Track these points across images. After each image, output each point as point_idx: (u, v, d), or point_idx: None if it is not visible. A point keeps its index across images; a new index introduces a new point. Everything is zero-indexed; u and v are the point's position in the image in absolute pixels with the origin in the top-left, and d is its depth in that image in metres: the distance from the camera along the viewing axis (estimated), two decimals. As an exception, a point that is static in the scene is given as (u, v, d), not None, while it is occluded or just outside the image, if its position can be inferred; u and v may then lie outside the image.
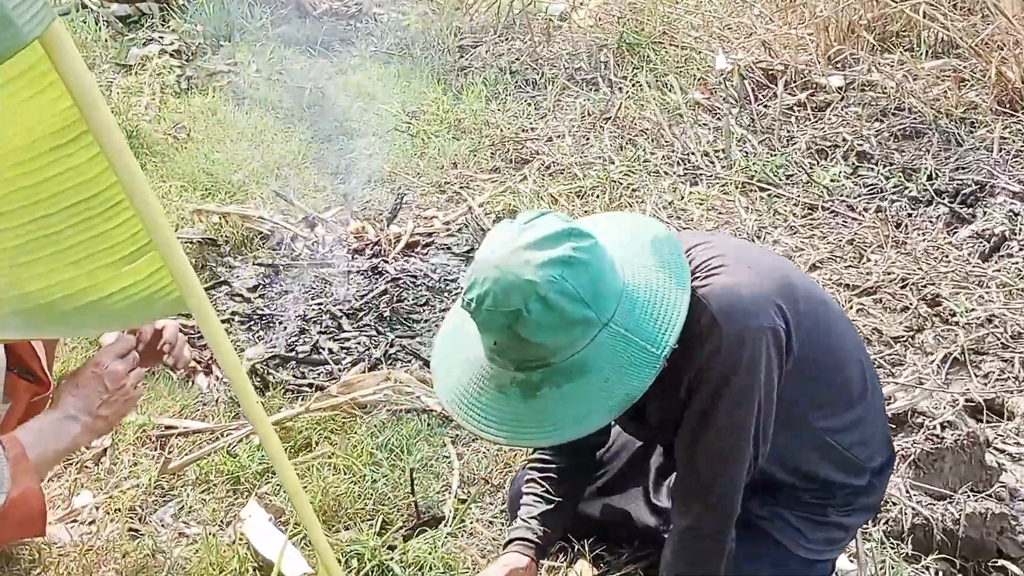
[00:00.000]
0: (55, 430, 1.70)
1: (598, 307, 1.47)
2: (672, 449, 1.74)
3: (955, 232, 3.57)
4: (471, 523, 2.16)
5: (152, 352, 1.93)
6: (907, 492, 2.23)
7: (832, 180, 3.97)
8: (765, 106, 4.63)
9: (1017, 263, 3.33)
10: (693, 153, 4.23)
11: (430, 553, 2.02)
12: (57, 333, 1.65)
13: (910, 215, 3.70)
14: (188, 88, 5.16)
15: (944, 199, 3.75)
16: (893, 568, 1.97)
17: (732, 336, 1.54)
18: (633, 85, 4.85)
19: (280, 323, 3.04)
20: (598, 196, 3.82)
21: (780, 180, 4.01)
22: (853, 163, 4.10)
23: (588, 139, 4.44)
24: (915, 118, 4.38)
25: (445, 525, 2.14)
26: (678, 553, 1.71)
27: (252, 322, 3.06)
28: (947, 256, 3.39)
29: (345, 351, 2.92)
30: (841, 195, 3.87)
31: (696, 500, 1.67)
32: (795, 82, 4.73)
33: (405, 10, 6.78)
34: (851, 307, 3.07)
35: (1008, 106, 4.35)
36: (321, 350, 2.91)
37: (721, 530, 1.66)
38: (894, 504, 2.20)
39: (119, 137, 0.95)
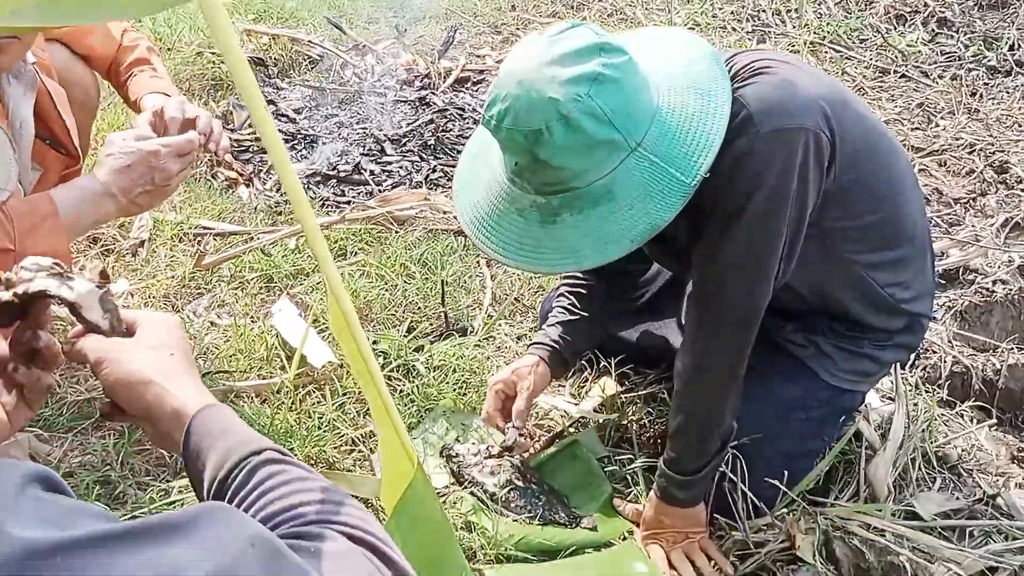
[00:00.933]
0: (94, 202, 1.68)
1: (626, 130, 1.34)
2: None
3: (1033, 104, 3.38)
4: (499, 337, 2.14)
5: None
6: (949, 341, 2.16)
7: (908, 45, 3.76)
8: (846, -33, 4.37)
9: (1096, 138, 3.15)
10: (764, 10, 4.04)
11: (456, 357, 2.02)
12: (73, 19, 1.54)
13: (986, 84, 3.50)
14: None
15: (1025, 70, 3.55)
16: (926, 410, 1.91)
17: (768, 134, 1.40)
18: (707, -62, 4.61)
19: (324, 143, 3.00)
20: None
21: (853, 43, 3.81)
22: (932, 29, 3.88)
23: (654, -10, 4.26)
24: (1004, -13, 4.11)
25: (472, 335, 2.13)
26: (686, 379, 1.57)
27: (296, 142, 3.03)
28: (1021, 126, 3.21)
29: (387, 173, 2.88)
30: (916, 61, 3.68)
31: (713, 316, 1.52)
32: (880, -56, 4.46)
33: None
34: (914, 167, 2.94)
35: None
36: (363, 171, 2.87)
37: (733, 350, 1.52)
38: (934, 352, 2.13)
39: None
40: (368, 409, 1.89)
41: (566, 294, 1.89)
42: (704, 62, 1.46)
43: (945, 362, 2.11)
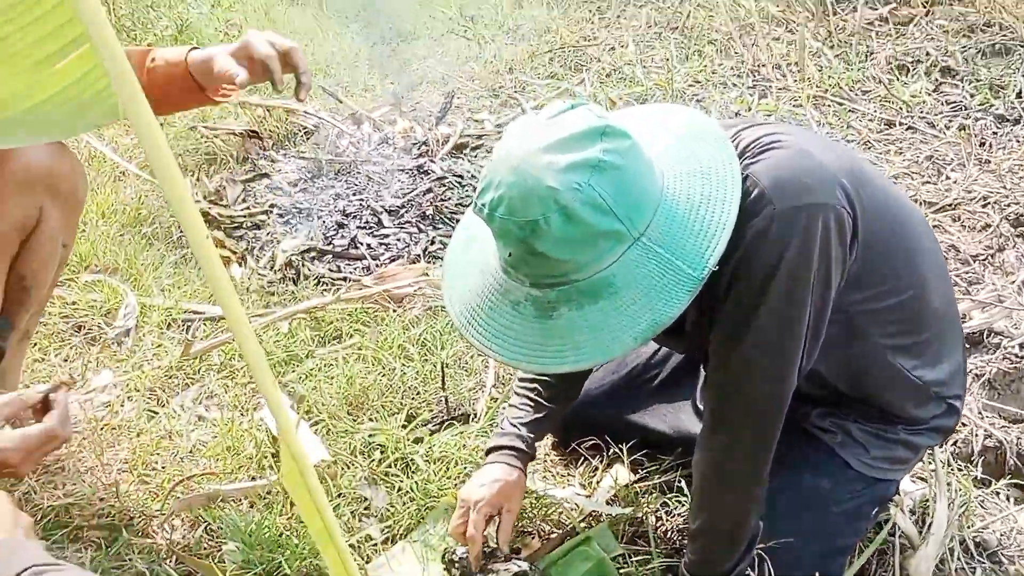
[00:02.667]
0: None
1: (629, 219, 1.24)
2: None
3: (1046, 153, 3.29)
4: (503, 422, 2.03)
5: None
6: (979, 413, 2.04)
7: (912, 96, 3.69)
8: (843, 20, 4.33)
9: (1114, 187, 3.05)
10: (764, 65, 3.98)
11: (457, 448, 1.90)
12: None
13: (995, 133, 3.42)
14: (243, -13, 5.02)
15: (1035, 118, 3.46)
16: (961, 491, 1.79)
17: (785, 213, 1.29)
18: (703, -6, 4.59)
19: (319, 217, 2.92)
20: (659, 103, 3.61)
21: (856, 95, 3.74)
22: (936, 79, 3.80)
23: (653, 47, 4.21)
24: (1006, 34, 4.05)
25: (475, 421, 2.02)
26: (708, 477, 1.46)
27: (291, 215, 2.95)
28: (1036, 176, 3.12)
29: (384, 247, 2.80)
30: (921, 111, 3.60)
31: (733, 411, 1.42)
32: (878, -5, 4.42)
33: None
34: (929, 225, 2.84)
35: (1112, 24, 4.01)
36: (359, 245, 2.79)
37: (758, 449, 1.41)
38: (964, 425, 2.01)
39: None
40: (367, 508, 1.78)
41: (530, 384, 1.78)
42: (709, 141, 1.36)
43: (976, 436, 1.99)
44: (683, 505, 1.76)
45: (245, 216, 2.92)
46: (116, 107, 0.84)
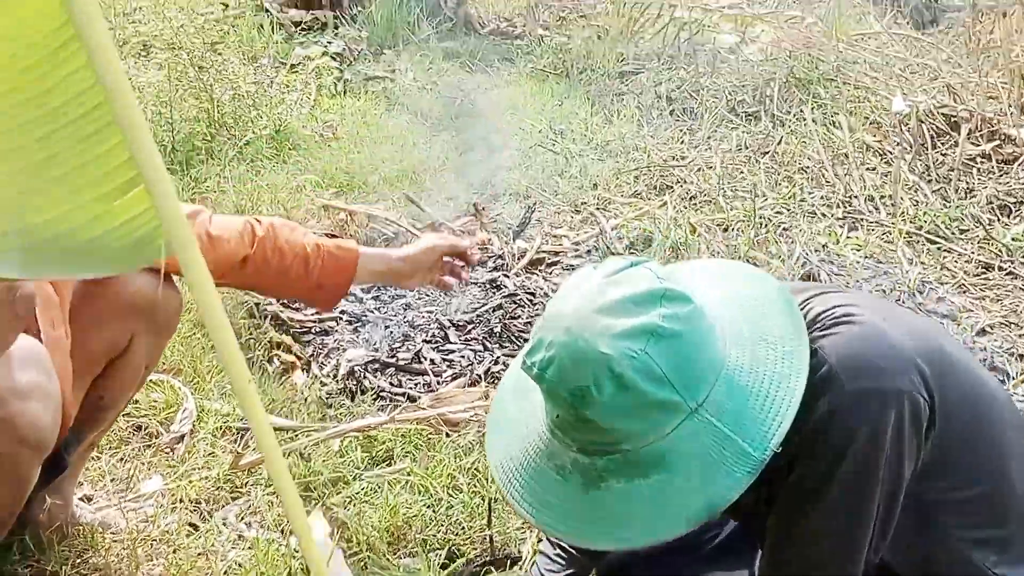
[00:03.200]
0: None
1: (687, 389, 1.18)
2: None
3: None
4: (549, 568, 1.93)
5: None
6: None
7: (1014, 239, 3.53)
8: (943, 154, 4.21)
9: None
10: (856, 197, 3.88)
11: (495, 595, 1.81)
12: (56, 273, 1.43)
13: (1103, 286, 3.23)
14: (343, 90, 5.20)
15: None
16: None
17: (855, 396, 1.22)
18: (797, 121, 4.53)
19: (386, 327, 2.90)
20: (742, 231, 3.53)
21: (952, 234, 3.60)
22: (1041, 223, 3.64)
23: (741, 172, 4.16)
24: (1119, 180, 3.87)
25: (520, 567, 1.92)
26: None
27: (359, 323, 2.94)
28: None
29: (448, 363, 2.76)
30: (1023, 257, 3.43)
31: None
32: (980, 131, 4.29)
33: (570, 32, 6.68)
34: (1022, 381, 2.67)
35: None
36: (423, 359, 2.76)
37: None
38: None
39: (105, 38, 0.78)
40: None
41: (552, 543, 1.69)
42: (777, 307, 1.29)
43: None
44: None
45: (315, 321, 2.92)
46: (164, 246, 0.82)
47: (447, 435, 2.30)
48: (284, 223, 1.87)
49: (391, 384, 2.64)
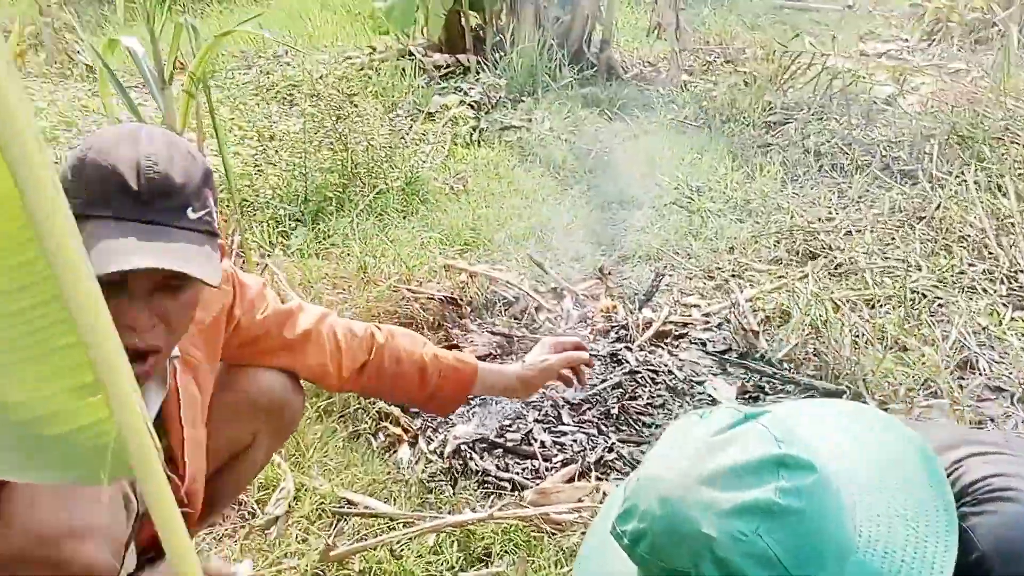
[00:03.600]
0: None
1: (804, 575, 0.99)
2: None
3: None
4: None
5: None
6: None
7: None
8: None
9: None
10: (1023, 272, 3.51)
11: None
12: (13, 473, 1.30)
13: None
14: (478, 140, 5.16)
15: None
16: None
17: None
18: (959, 183, 4.17)
19: (497, 402, 2.78)
20: (891, 308, 3.24)
21: None
22: None
23: (893, 239, 3.84)
24: None
25: None
26: None
27: (472, 397, 2.82)
28: None
29: (559, 447, 2.60)
30: None
31: None
32: None
33: (716, 79, 6.46)
34: None
35: None
36: (533, 441, 2.61)
37: None
38: None
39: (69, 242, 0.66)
40: None
41: None
42: (918, 474, 1.08)
43: None
44: None
45: (426, 391, 2.83)
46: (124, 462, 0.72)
47: (550, 535, 2.14)
48: (404, 332, 1.93)
49: (497, 467, 2.50)
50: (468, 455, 2.53)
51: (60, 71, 6.05)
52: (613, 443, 2.59)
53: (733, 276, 3.62)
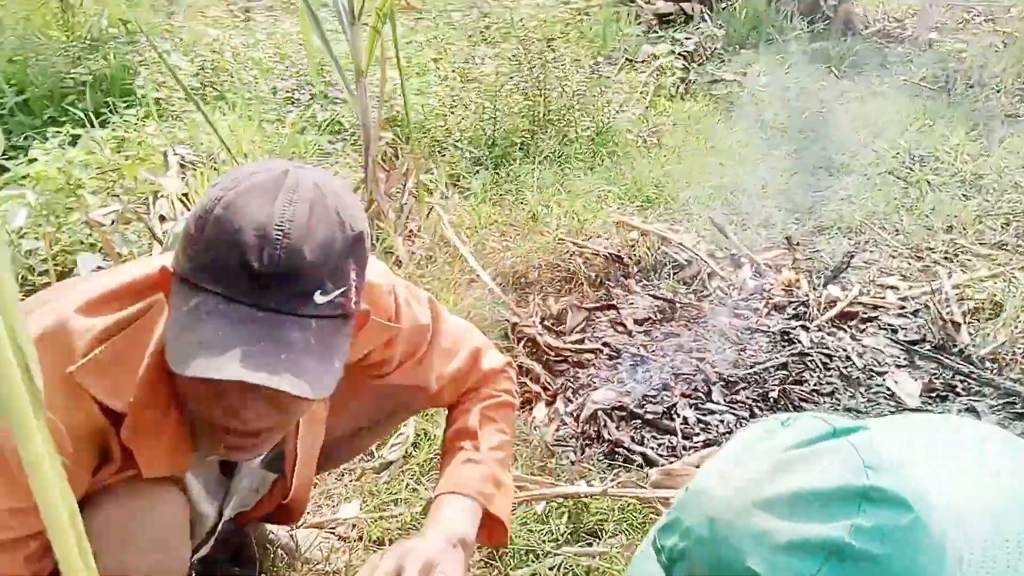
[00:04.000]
0: None
1: None
2: None
3: None
4: None
5: None
6: None
7: None
8: None
9: None
10: None
11: None
12: None
13: None
14: (683, 92, 4.88)
15: None
16: None
17: None
18: None
19: (646, 369, 2.59)
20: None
21: None
22: None
23: None
24: None
25: None
26: None
27: (619, 359, 2.66)
28: None
29: (703, 426, 2.39)
30: None
31: None
32: None
33: (968, 39, 5.78)
34: None
35: None
36: (676, 416, 2.41)
37: None
38: None
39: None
40: None
41: None
42: None
43: None
44: None
45: (573, 351, 2.69)
46: None
47: (667, 520, 1.96)
48: (504, 418, 1.61)
49: (631, 439, 2.32)
50: (603, 422, 2.37)
51: (285, 5, 6.29)
52: (764, 429, 2.34)
53: (945, 258, 3.19)
